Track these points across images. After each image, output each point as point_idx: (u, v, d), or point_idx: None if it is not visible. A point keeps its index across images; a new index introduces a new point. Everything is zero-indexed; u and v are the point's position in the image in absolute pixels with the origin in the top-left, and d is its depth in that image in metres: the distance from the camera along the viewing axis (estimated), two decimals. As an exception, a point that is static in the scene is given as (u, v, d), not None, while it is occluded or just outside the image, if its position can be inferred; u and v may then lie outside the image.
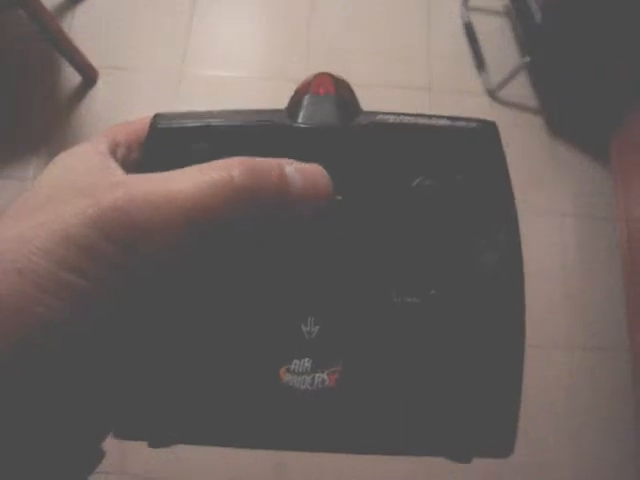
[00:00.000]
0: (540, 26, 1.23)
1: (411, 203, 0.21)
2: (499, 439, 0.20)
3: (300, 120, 0.22)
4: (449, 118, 0.22)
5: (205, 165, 0.18)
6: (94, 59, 1.35)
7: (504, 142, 0.22)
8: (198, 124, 0.22)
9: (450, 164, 0.21)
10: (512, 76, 1.35)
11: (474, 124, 0.22)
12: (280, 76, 1.40)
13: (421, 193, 0.21)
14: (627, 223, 1.22)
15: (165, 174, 0.18)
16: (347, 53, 1.44)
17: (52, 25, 1.20)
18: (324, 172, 0.20)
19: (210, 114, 0.22)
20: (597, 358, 1.22)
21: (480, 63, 1.43)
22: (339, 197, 0.20)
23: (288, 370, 0.20)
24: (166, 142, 0.22)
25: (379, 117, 0.22)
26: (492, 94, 1.40)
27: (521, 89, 1.41)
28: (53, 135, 1.32)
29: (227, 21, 1.46)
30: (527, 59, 1.30)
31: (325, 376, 0.20)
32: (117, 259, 0.16)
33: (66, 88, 1.37)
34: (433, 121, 0.22)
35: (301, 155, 0.20)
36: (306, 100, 0.22)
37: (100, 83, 1.37)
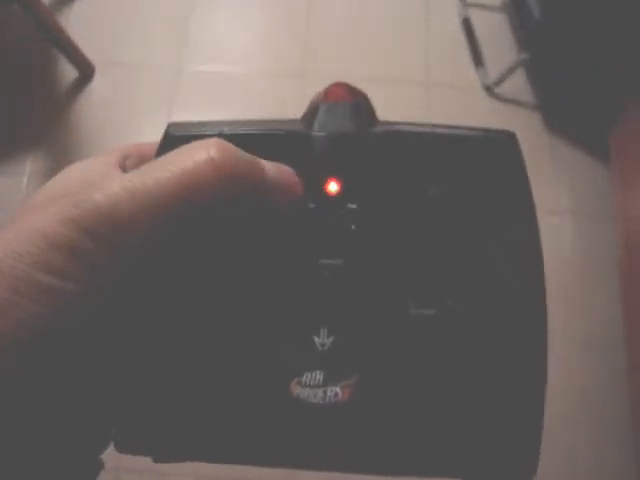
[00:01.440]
0: (538, 22, 1.22)
1: (428, 212, 0.20)
2: (519, 462, 0.19)
3: (315, 128, 0.21)
4: (468, 128, 0.22)
5: (183, 147, 0.18)
6: (91, 54, 1.34)
7: None
8: (212, 132, 0.21)
9: (468, 173, 0.21)
10: (510, 72, 1.34)
11: (494, 134, 0.22)
12: (279, 72, 1.39)
13: (438, 202, 0.20)
14: (625, 221, 1.22)
15: (146, 165, 0.18)
16: (345, 49, 1.43)
17: (48, 20, 1.20)
18: (292, 171, 0.20)
19: (224, 123, 0.22)
20: (594, 357, 1.22)
21: (478, 59, 1.43)
22: (354, 205, 0.20)
23: (299, 383, 0.19)
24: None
25: (396, 126, 0.22)
26: (489, 90, 1.40)
27: (519, 85, 1.41)
28: (49, 131, 1.31)
29: (226, 16, 1.45)
30: (525, 55, 1.29)
31: (338, 390, 0.19)
32: (98, 257, 0.16)
33: (63, 83, 1.36)
34: (451, 131, 0.22)
35: (316, 163, 0.20)
36: (321, 108, 0.22)
37: (97, 78, 1.36)
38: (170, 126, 0.22)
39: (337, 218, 0.20)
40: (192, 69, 1.39)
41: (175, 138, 0.22)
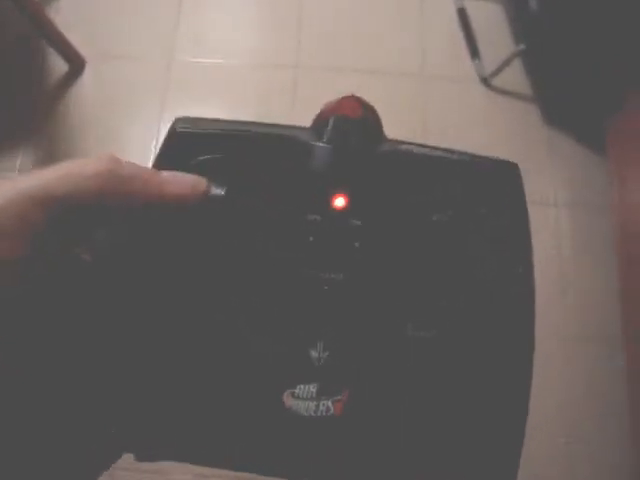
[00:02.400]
0: (535, 13, 1.21)
1: (430, 237, 0.20)
2: (501, 475, 0.20)
3: (325, 139, 0.22)
4: (473, 156, 0.22)
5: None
6: (81, 47, 1.32)
7: (498, 129, 0.22)
8: (217, 132, 0.22)
9: (470, 201, 0.21)
10: (506, 64, 1.33)
11: (497, 163, 0.22)
12: (272, 63, 1.38)
13: (440, 228, 0.21)
14: (622, 212, 1.22)
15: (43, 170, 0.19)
16: (339, 39, 1.41)
17: (37, 12, 1.18)
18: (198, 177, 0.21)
19: (232, 123, 0.22)
20: (591, 349, 1.21)
21: (474, 50, 1.41)
22: (358, 222, 0.20)
23: (292, 395, 0.19)
24: (182, 147, 0.22)
25: (404, 146, 0.22)
26: (486, 82, 1.39)
27: (515, 77, 1.40)
28: (40, 126, 1.30)
29: (217, 7, 1.43)
30: (522, 47, 1.28)
31: (330, 404, 0.19)
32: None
33: (52, 77, 1.34)
34: (456, 156, 0.22)
35: (324, 176, 0.20)
36: (332, 120, 0.22)
37: (87, 72, 1.34)
38: (176, 120, 0.23)
39: (342, 233, 0.20)
40: (184, 61, 1.37)
41: (179, 135, 0.22)
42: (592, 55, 1.25)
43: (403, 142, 0.22)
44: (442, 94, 1.38)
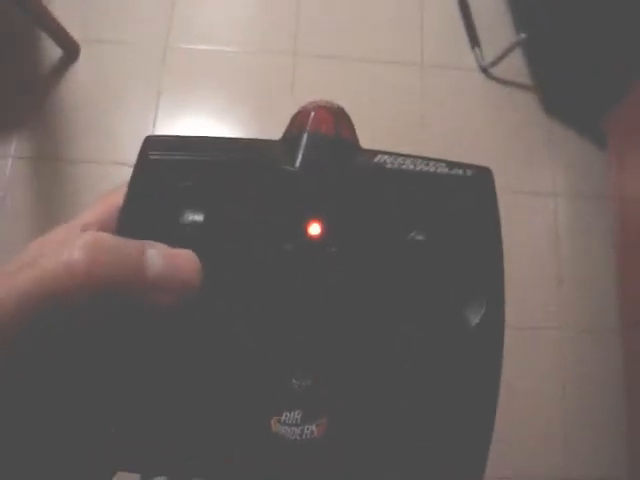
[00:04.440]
0: (536, 2, 1.20)
1: (403, 258, 0.21)
2: (472, 468, 0.21)
3: (298, 164, 0.21)
4: (447, 164, 0.22)
5: (56, 239, 0.20)
6: (75, 32, 1.30)
7: (498, 119, 0.21)
8: (188, 159, 0.22)
9: (444, 215, 0.21)
10: (507, 53, 1.32)
11: (469, 172, 0.22)
12: (269, 50, 1.36)
13: (414, 248, 0.21)
14: (621, 203, 1.21)
15: (23, 260, 0.18)
16: (337, 27, 1.40)
17: (30, -4, 1.15)
18: (193, 258, 0.19)
19: (203, 145, 0.22)
20: (589, 340, 1.22)
21: (474, 39, 1.40)
22: (334, 249, 0.21)
23: (279, 421, 0.20)
24: (153, 175, 0.22)
25: (377, 158, 0.22)
26: (486, 71, 1.37)
27: (515, 66, 1.38)
28: (34, 113, 1.28)
29: (214, -7, 1.41)
30: (522, 36, 1.27)
31: (313, 427, 0.20)
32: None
33: (46, 63, 1.32)
34: (430, 167, 0.22)
35: (294, 201, 0.20)
36: (304, 140, 0.22)
37: (82, 58, 1.32)
38: (147, 141, 0.22)
39: (317, 262, 0.21)
40: (179, 47, 1.35)
41: (150, 163, 0.22)
42: (593, 45, 1.24)
43: (377, 152, 0.22)
44: (441, 83, 1.37)
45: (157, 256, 0.18)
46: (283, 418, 0.20)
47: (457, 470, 0.21)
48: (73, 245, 0.17)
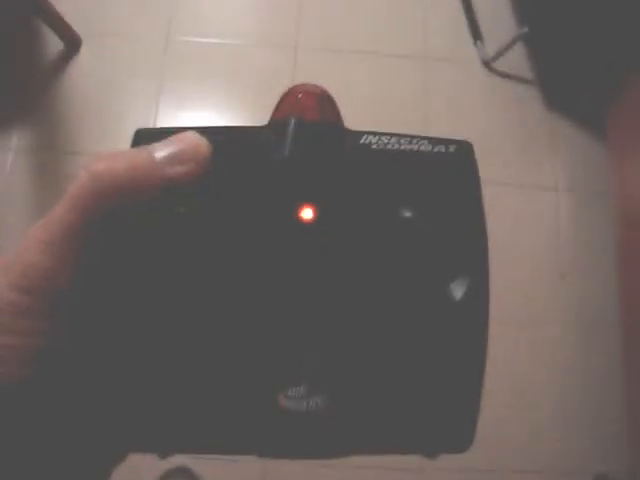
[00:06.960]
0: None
1: (391, 236, 0.22)
2: (461, 438, 0.22)
3: (286, 151, 0.22)
4: (430, 140, 0.23)
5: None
6: (77, 25, 1.30)
7: (499, 113, 0.21)
8: None
9: (428, 192, 0.22)
10: (509, 47, 1.32)
11: (452, 148, 0.23)
12: (270, 42, 1.36)
13: (400, 226, 0.22)
14: (622, 198, 1.21)
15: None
16: (341, 20, 1.39)
17: (32, -11, 1.15)
18: (195, 134, 0.20)
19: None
20: (590, 335, 1.22)
21: (476, 33, 1.39)
22: (326, 232, 0.21)
23: (285, 396, 0.21)
24: None
25: (363, 139, 0.23)
26: (488, 65, 1.37)
27: (518, 60, 1.38)
28: (35, 106, 1.28)
29: (215, -14, 1.41)
30: (524, 30, 1.26)
31: (318, 400, 0.21)
32: (37, 307, 0.17)
33: (48, 56, 1.32)
34: (414, 146, 0.23)
35: (284, 188, 0.21)
36: (292, 128, 0.22)
37: (84, 51, 1.32)
38: (137, 133, 0.24)
39: (311, 246, 0.21)
40: (181, 39, 1.35)
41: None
42: (595, 40, 1.24)
43: (363, 132, 0.23)
44: (443, 77, 1.36)
45: (161, 144, 0.20)
46: (289, 393, 0.21)
47: (447, 440, 0.22)
48: (84, 166, 0.19)
